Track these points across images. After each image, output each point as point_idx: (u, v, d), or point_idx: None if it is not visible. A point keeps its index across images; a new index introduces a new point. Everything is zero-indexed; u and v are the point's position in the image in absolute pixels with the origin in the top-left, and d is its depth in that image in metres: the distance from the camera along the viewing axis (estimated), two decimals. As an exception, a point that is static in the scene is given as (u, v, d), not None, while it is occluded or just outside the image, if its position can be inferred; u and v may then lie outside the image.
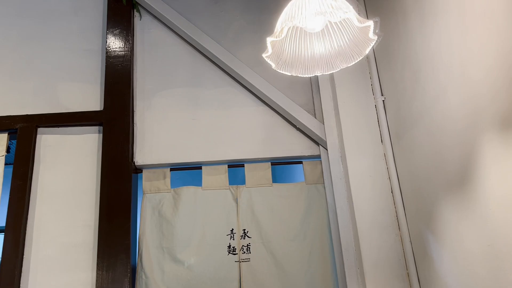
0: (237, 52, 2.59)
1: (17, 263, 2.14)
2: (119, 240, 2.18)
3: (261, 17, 2.71)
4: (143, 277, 2.24)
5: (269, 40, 1.22)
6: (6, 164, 2.37)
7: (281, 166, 2.60)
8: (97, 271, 2.13)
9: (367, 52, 1.32)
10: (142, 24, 2.72)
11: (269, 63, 1.38)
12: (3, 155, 2.36)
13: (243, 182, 2.46)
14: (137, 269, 2.27)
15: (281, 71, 1.38)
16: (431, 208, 1.79)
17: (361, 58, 1.35)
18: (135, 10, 2.72)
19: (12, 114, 2.43)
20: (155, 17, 2.72)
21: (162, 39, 2.69)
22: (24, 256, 2.19)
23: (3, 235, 2.18)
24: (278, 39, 1.20)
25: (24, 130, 2.39)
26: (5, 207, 2.24)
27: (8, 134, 2.41)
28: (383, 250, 2.05)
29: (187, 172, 2.51)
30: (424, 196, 1.86)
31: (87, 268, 2.19)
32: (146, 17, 2.74)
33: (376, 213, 2.11)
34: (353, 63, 1.37)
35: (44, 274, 2.18)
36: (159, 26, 2.71)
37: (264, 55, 1.29)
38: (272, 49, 1.26)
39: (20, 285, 2.13)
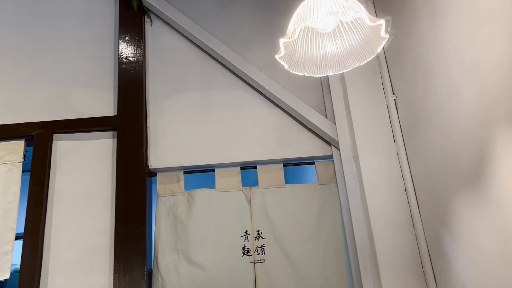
0: (248, 55, 2.62)
1: (36, 267, 2.18)
2: (135, 243, 2.21)
3: (271, 20, 2.73)
4: (159, 279, 2.26)
5: (281, 41, 1.23)
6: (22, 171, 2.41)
7: (292, 168, 2.61)
8: (114, 274, 2.16)
9: (379, 50, 1.33)
10: (153, 30, 2.76)
11: (281, 64, 1.40)
12: (20, 162, 2.40)
13: (255, 183, 2.47)
14: (153, 271, 2.30)
15: (293, 72, 1.40)
16: (446, 205, 1.79)
17: (373, 56, 1.36)
18: (146, 16, 2.76)
19: (28, 121, 2.47)
20: (165, 22, 2.76)
21: (173, 44, 2.72)
22: (42, 260, 2.22)
23: (22, 241, 2.22)
24: (290, 40, 1.22)
25: (40, 136, 2.43)
26: (23, 213, 2.28)
27: (25, 141, 2.45)
28: (398, 249, 2.05)
29: (200, 174, 2.53)
30: (439, 194, 1.85)
31: (104, 271, 2.22)
32: (157, 23, 2.77)
33: (390, 212, 2.11)
34: (365, 62, 1.38)
35: (63, 278, 2.22)
36: (169, 31, 2.75)
37: (276, 56, 1.31)
38: (284, 50, 1.27)
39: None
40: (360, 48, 1.37)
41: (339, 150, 2.38)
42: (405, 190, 2.13)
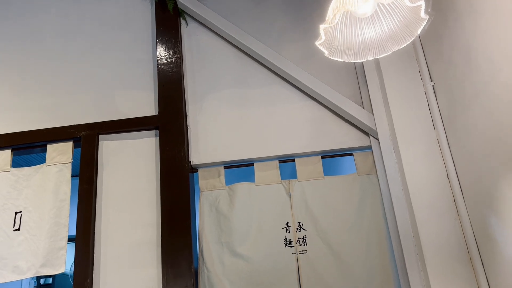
0: (281, 50, 2.66)
1: (89, 262, 2.28)
2: (181, 237, 2.28)
3: (303, 14, 2.78)
4: (205, 271, 2.33)
5: (322, 27, 1.27)
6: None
7: (328, 160, 2.61)
8: (162, 267, 2.23)
9: (418, 32, 1.34)
10: (188, 31, 2.85)
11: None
12: (69, 162, 2.52)
13: (294, 176, 2.50)
14: (199, 263, 2.36)
15: (333, 58, 1.43)
16: (492, 189, 1.77)
17: (412, 39, 1.37)
18: (181, 18, 2.85)
19: (75, 123, 2.60)
20: (200, 23, 2.84)
21: (208, 43, 2.80)
22: (94, 255, 2.33)
23: (75, 236, 2.34)
24: (330, 25, 1.25)
25: (87, 137, 2.55)
26: (73, 215, 2.40)
27: (73, 142, 2.58)
28: (443, 236, 2.04)
29: (239, 169, 2.58)
30: (484, 177, 1.83)
31: (152, 264, 2.30)
32: (192, 24, 2.86)
33: (433, 199, 2.10)
34: (405, 44, 1.40)
35: (113, 271, 2.31)
36: (204, 31, 2.82)
37: (317, 43, 1.34)
38: (324, 36, 1.30)
39: (93, 282, 2.27)
40: (399, 31, 1.38)
41: (377, 140, 2.38)
42: (448, 177, 2.12)
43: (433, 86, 2.23)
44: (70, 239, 2.35)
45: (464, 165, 2.01)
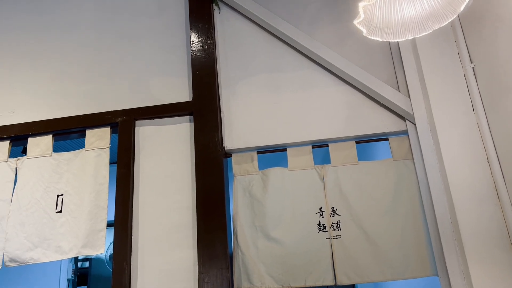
0: (315, 34, 2.63)
1: (128, 243, 2.35)
2: (215, 220, 2.31)
3: (336, -2, 2.73)
4: (239, 253, 2.36)
5: (361, 5, 1.24)
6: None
7: (362, 145, 2.58)
8: (198, 249, 2.27)
9: (461, 9, 1.29)
10: (221, 17, 2.85)
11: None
12: (107, 147, 2.59)
13: (326, 161, 2.49)
14: (233, 246, 2.40)
15: (372, 37, 1.40)
16: (536, 172, 1.71)
17: (455, 16, 1.33)
18: (214, 4, 2.86)
19: (112, 109, 2.66)
20: (232, 8, 2.83)
21: (241, 29, 2.80)
22: (132, 237, 2.40)
23: (114, 218, 2.41)
24: (370, 3, 1.23)
25: (124, 123, 2.61)
26: (111, 201, 2.46)
27: (110, 128, 2.65)
28: (483, 222, 1.99)
29: (272, 154, 2.58)
30: (527, 161, 1.77)
31: (188, 246, 2.34)
32: (225, 9, 2.86)
33: (473, 184, 2.05)
34: (446, 22, 1.36)
35: (151, 252, 2.36)
36: (237, 16, 2.82)
37: (355, 22, 1.32)
38: (363, 14, 1.28)
39: (131, 263, 2.34)
40: (440, 8, 1.34)
41: (414, 124, 2.34)
42: (488, 161, 2.06)
43: (473, 68, 2.16)
44: (108, 224, 2.43)
45: (506, 149, 1.94)
